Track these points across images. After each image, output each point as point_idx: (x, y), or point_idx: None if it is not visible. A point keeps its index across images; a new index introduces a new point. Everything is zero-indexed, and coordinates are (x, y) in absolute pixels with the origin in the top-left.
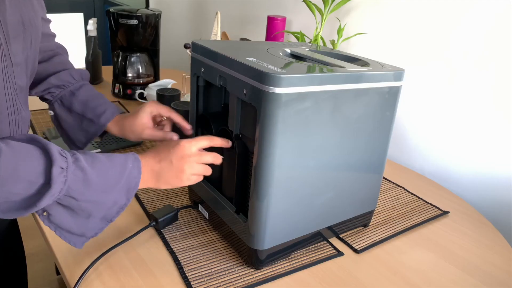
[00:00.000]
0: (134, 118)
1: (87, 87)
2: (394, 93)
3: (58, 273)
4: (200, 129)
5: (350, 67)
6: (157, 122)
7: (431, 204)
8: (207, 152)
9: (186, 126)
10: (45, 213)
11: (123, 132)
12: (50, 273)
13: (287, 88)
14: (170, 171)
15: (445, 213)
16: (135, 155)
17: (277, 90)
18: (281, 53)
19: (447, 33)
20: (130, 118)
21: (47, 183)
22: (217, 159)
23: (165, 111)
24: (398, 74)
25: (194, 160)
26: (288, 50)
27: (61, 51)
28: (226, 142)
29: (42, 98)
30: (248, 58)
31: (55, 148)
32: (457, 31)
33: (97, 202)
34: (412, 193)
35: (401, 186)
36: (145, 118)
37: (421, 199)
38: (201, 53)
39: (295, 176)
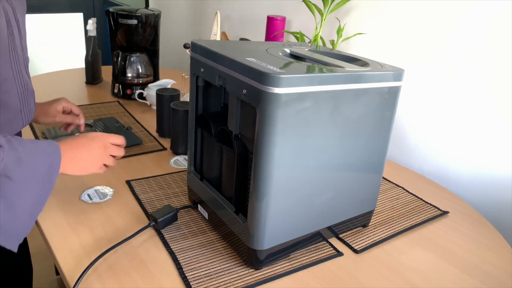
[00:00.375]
0: (50, 105)
1: None
2: (393, 93)
3: (57, 273)
4: (200, 129)
5: (350, 67)
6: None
7: (430, 204)
8: (116, 146)
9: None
10: None
11: (35, 117)
12: (50, 273)
13: (287, 88)
14: (88, 158)
15: (445, 213)
16: (54, 142)
17: (276, 90)
18: (280, 53)
19: (447, 33)
20: (45, 105)
21: None
22: (120, 152)
23: (76, 109)
24: (397, 74)
25: (109, 151)
26: (288, 50)
27: None
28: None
29: None
30: (247, 58)
31: None
32: (456, 31)
33: (26, 184)
34: (411, 193)
35: (400, 186)
36: (59, 107)
37: (421, 199)
38: (200, 53)
39: (294, 176)
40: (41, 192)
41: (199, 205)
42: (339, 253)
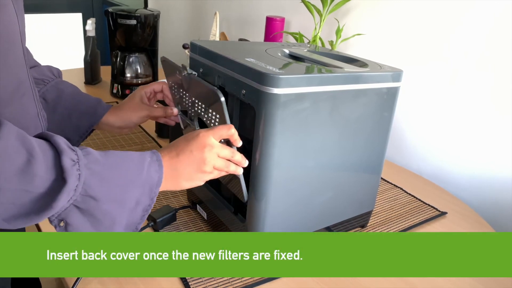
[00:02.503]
0: (133, 101)
1: (67, 82)
2: (392, 94)
3: None
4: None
5: (349, 68)
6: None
7: (429, 205)
8: (227, 146)
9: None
10: (62, 223)
11: (124, 118)
12: None
13: (286, 88)
14: (190, 163)
15: (443, 214)
16: (153, 150)
17: (275, 90)
18: (279, 54)
19: (447, 33)
20: (129, 103)
21: (59, 178)
22: (234, 155)
23: (157, 86)
24: (396, 75)
25: (215, 151)
26: (287, 51)
27: None
28: (239, 140)
29: None
30: (246, 59)
31: (61, 140)
32: (457, 32)
33: (118, 202)
34: (410, 194)
35: (399, 187)
36: (145, 98)
37: (419, 199)
38: (199, 54)
39: (293, 177)
40: (137, 204)
41: (198, 206)
42: None
